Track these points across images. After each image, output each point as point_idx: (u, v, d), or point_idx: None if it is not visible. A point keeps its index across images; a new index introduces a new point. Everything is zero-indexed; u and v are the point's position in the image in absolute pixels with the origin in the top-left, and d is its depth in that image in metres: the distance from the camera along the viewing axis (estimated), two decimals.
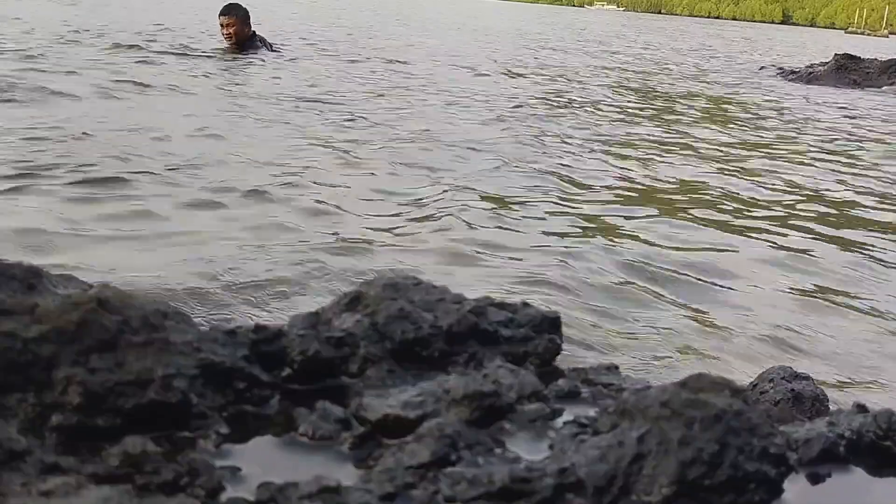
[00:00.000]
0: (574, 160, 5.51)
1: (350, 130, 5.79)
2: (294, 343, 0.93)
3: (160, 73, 7.68)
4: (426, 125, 6.26)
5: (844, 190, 5.43)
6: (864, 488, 0.88)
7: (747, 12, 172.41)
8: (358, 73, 9.31)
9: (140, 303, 0.86)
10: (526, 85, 9.88)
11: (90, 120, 5.23)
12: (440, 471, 0.76)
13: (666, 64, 16.24)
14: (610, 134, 6.78)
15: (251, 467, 0.78)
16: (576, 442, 0.82)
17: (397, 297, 1.00)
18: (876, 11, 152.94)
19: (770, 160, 6.30)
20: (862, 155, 6.98)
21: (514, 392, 0.90)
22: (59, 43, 9.19)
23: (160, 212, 3.47)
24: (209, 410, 0.83)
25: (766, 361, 2.43)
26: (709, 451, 0.76)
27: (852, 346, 2.74)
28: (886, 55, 15.72)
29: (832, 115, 9.62)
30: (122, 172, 3.99)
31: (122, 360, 0.81)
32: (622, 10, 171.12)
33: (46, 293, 0.90)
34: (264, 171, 4.35)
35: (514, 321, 1.05)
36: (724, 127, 7.95)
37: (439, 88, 8.60)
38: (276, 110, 6.27)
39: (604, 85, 10.75)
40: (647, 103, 9.28)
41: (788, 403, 1.64)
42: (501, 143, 5.88)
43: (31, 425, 0.77)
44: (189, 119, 5.59)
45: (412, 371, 0.96)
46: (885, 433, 0.92)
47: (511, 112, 7.40)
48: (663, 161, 5.85)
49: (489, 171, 4.88)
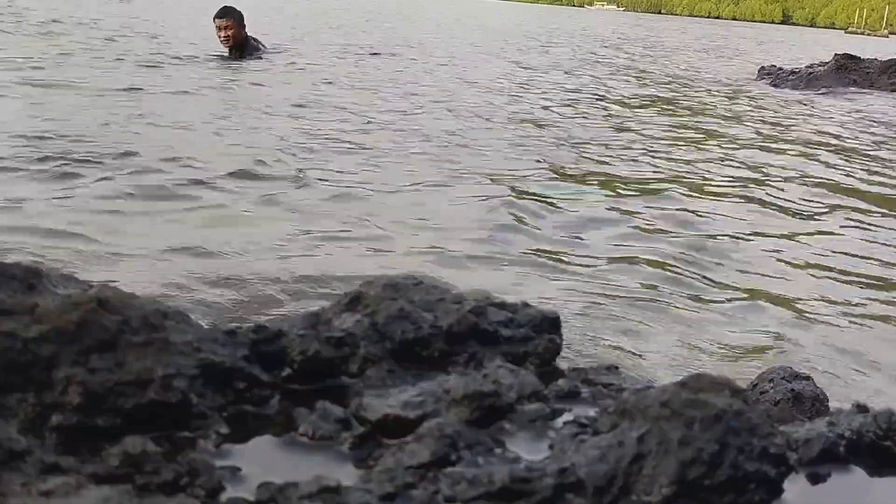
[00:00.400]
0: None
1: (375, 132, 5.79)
2: (294, 343, 0.93)
3: (168, 79, 7.60)
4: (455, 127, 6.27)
5: (847, 188, 5.44)
6: (864, 488, 0.88)
7: (747, 12, 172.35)
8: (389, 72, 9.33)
9: (140, 303, 0.86)
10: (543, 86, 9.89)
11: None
12: (440, 471, 0.76)
13: (666, 64, 16.23)
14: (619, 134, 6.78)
15: (251, 467, 0.78)
16: (576, 442, 0.82)
17: (397, 297, 1.00)
18: (876, 11, 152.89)
19: (770, 159, 6.30)
20: (863, 153, 6.99)
21: (514, 392, 0.90)
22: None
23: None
24: (209, 410, 0.83)
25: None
26: (709, 451, 0.76)
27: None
28: (886, 55, 15.71)
29: (832, 115, 9.62)
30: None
31: (122, 360, 0.81)
32: (622, 10, 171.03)
33: (46, 293, 0.90)
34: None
35: (514, 321, 1.05)
36: (722, 126, 7.94)
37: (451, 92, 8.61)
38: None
39: (603, 84, 10.75)
40: (647, 103, 9.28)
41: (788, 403, 1.64)
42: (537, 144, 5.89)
43: (31, 425, 0.77)
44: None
45: (412, 371, 0.96)
46: (885, 433, 0.92)
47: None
48: (668, 155, 5.85)
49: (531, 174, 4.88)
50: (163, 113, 5.79)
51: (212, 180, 4.04)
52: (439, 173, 4.71)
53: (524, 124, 6.80)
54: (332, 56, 10.96)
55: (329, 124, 5.96)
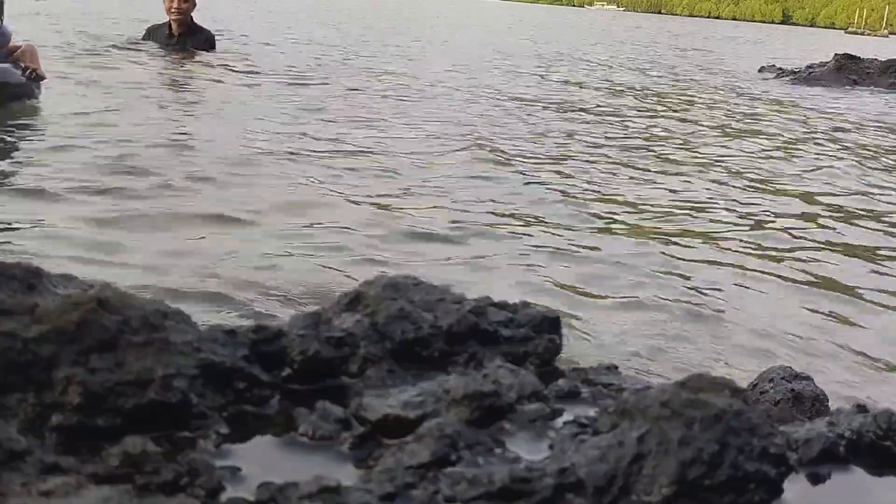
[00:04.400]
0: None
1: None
2: (294, 343, 0.93)
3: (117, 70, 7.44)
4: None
5: (850, 190, 5.44)
6: (864, 488, 0.88)
7: (747, 12, 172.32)
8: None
9: (140, 303, 0.86)
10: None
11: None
12: (440, 471, 0.76)
13: (666, 64, 16.22)
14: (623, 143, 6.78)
15: (251, 467, 0.77)
16: (576, 442, 0.82)
17: (397, 297, 1.00)
18: (876, 11, 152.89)
19: (770, 161, 6.29)
20: (864, 152, 6.99)
21: (514, 392, 0.90)
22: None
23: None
24: (209, 410, 0.83)
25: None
26: (709, 451, 0.76)
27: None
28: (886, 55, 15.71)
29: (832, 115, 9.62)
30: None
31: (122, 360, 0.81)
32: (622, 10, 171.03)
33: (46, 293, 0.90)
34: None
35: (514, 321, 1.05)
36: (723, 126, 7.94)
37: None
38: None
39: (603, 87, 10.75)
40: (650, 102, 9.28)
41: (788, 403, 1.64)
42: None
43: (31, 425, 0.77)
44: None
45: (412, 371, 0.96)
46: (885, 433, 0.92)
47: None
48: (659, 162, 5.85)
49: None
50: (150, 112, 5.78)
51: (207, 180, 4.04)
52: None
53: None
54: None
55: (330, 125, 5.96)
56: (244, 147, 4.88)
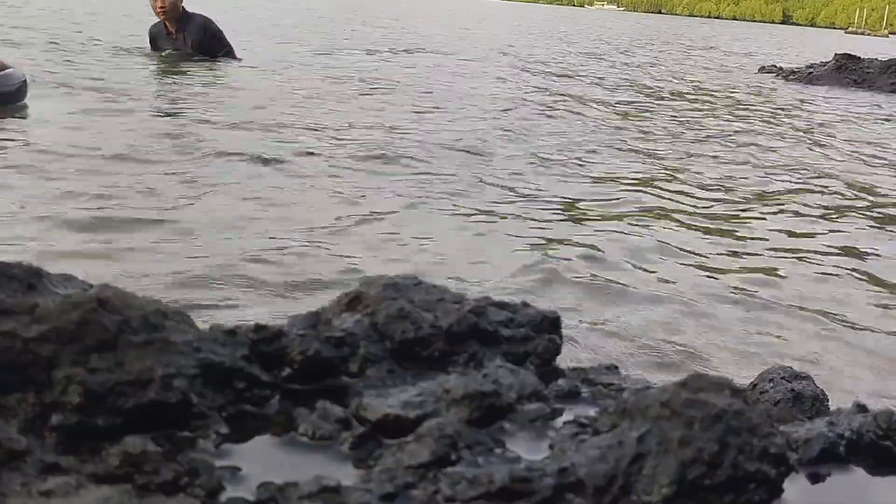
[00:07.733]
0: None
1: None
2: (294, 343, 0.93)
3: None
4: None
5: (849, 189, 5.44)
6: (864, 488, 0.88)
7: (747, 12, 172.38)
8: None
9: (140, 303, 0.86)
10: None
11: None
12: (440, 471, 0.76)
13: (666, 65, 16.23)
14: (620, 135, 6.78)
15: (251, 467, 0.77)
16: (576, 442, 0.82)
17: (397, 297, 1.00)
18: (876, 11, 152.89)
19: (770, 160, 6.29)
20: (864, 152, 6.99)
21: (514, 392, 0.90)
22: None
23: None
24: (209, 410, 0.83)
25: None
26: (709, 451, 0.76)
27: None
28: (886, 55, 15.71)
29: (832, 115, 9.62)
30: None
31: (122, 360, 0.80)
32: (622, 9, 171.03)
33: (46, 293, 0.90)
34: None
35: (514, 321, 1.05)
36: (722, 126, 7.94)
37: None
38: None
39: (603, 84, 10.75)
40: (648, 103, 9.28)
41: (788, 403, 1.64)
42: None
43: (31, 425, 0.77)
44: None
45: (412, 371, 0.96)
46: (885, 433, 0.92)
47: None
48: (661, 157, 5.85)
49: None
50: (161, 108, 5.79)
51: (207, 178, 4.04)
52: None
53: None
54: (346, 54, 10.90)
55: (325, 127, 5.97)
56: (244, 147, 4.88)
